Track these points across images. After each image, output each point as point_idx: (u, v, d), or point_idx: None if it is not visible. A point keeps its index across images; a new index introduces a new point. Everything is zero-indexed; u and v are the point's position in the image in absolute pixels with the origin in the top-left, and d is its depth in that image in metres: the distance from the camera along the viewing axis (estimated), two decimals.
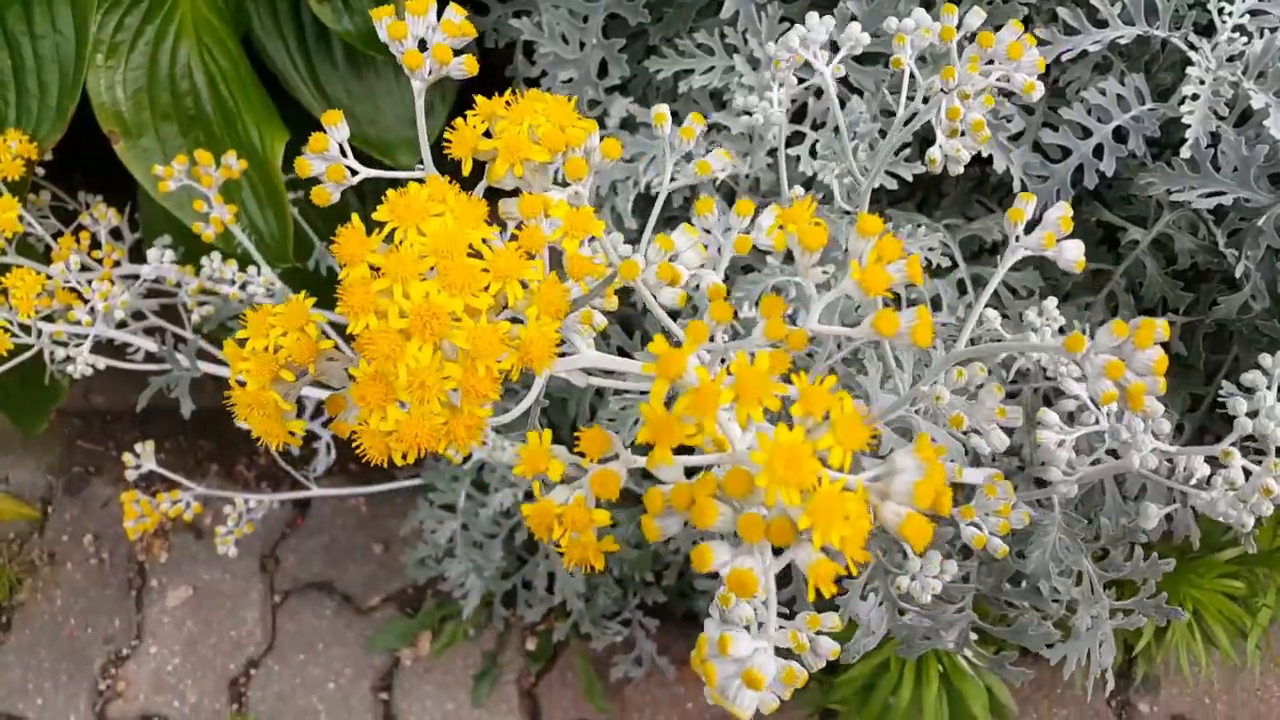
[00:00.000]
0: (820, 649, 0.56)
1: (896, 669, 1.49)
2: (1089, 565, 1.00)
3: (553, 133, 0.60)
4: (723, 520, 0.46)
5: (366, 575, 2.04)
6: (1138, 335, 0.54)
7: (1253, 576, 1.53)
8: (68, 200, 1.65)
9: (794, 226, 0.57)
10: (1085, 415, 0.85)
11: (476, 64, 0.68)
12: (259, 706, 1.91)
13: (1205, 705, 1.87)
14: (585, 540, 0.54)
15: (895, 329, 0.52)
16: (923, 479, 0.45)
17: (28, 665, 1.97)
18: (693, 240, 0.64)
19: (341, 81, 1.62)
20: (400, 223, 0.55)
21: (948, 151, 0.80)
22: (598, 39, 1.36)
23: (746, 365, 0.47)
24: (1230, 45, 1.20)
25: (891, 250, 0.53)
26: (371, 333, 0.52)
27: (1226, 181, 1.15)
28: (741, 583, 0.47)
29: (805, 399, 0.46)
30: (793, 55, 0.86)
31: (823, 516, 0.43)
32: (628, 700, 1.87)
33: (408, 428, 0.54)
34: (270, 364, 0.57)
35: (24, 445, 2.20)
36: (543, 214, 0.59)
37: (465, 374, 0.53)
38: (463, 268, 0.53)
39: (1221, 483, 0.79)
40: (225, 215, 1.35)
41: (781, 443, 0.44)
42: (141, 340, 1.44)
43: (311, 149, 0.65)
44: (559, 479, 0.55)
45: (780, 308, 0.52)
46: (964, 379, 0.72)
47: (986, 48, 0.77)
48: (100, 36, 1.49)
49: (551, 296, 0.55)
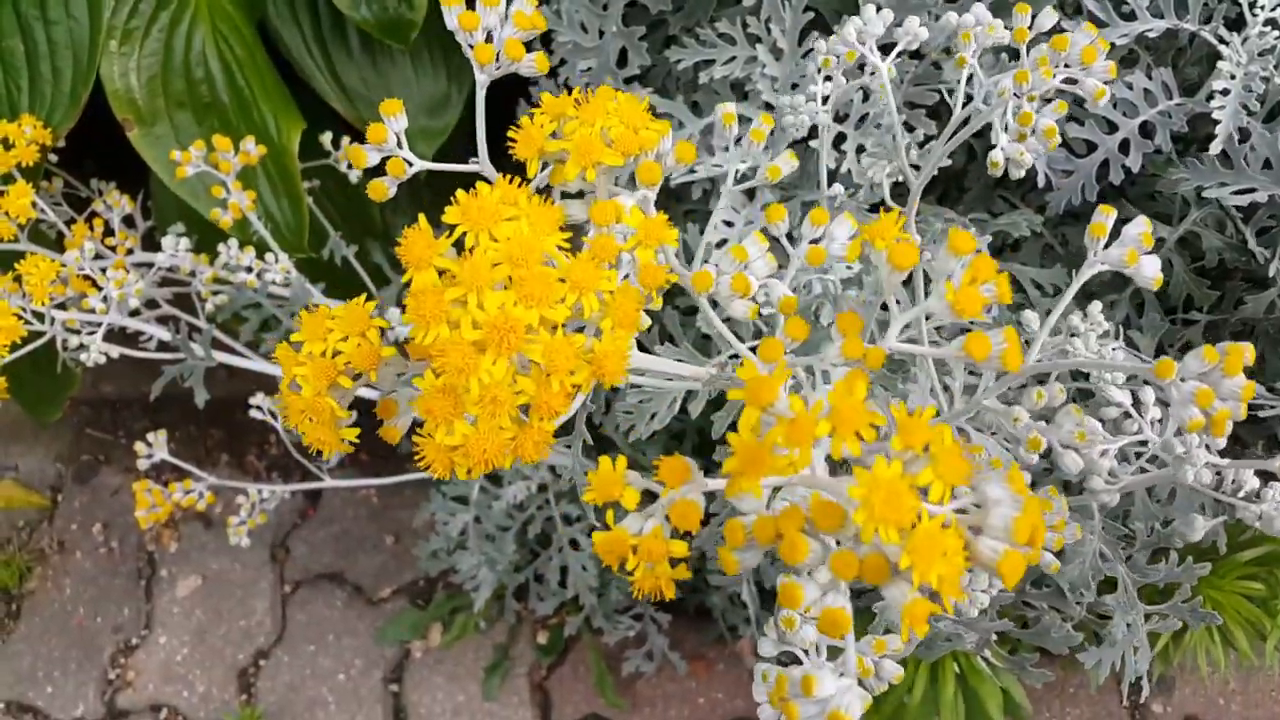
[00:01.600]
0: (884, 673, 0.54)
1: (912, 668, 1.48)
2: (1124, 571, 0.98)
3: (626, 135, 0.57)
4: (812, 557, 0.44)
5: (377, 566, 2.03)
6: (1227, 363, 0.52)
7: (1272, 579, 1.52)
8: (80, 187, 1.64)
9: (882, 244, 0.53)
10: (1127, 423, 0.83)
11: (547, 62, 0.65)
12: (268, 697, 1.91)
13: (1219, 706, 1.86)
14: (659, 571, 0.52)
15: (988, 352, 0.50)
16: (1020, 514, 0.43)
17: (37, 654, 1.96)
18: (763, 249, 0.61)
19: (357, 70, 1.60)
20: (472, 227, 0.52)
21: (1009, 154, 0.78)
22: (618, 27, 1.34)
23: (845, 395, 0.44)
24: (1261, 39, 1.19)
25: (986, 271, 0.51)
26: (443, 344, 0.50)
27: (1259, 178, 1.14)
28: (834, 622, 0.45)
29: (904, 431, 0.43)
30: (844, 53, 0.84)
31: (923, 556, 0.41)
32: (639, 695, 1.86)
33: (475, 443, 0.52)
34: (328, 369, 0.55)
35: (33, 433, 2.19)
36: (615, 221, 0.56)
37: (538, 389, 0.51)
38: (540, 278, 0.51)
39: (1275, 496, 0.77)
40: (244, 201, 1.34)
41: (880, 478, 0.42)
42: (154, 329, 1.43)
43: (371, 140, 0.62)
44: (634, 507, 0.52)
45: (858, 325, 0.50)
46: (1044, 400, 0.70)
47: (1060, 51, 0.74)
48: (114, 22, 1.48)
49: (627, 307, 0.53)
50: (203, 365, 1.36)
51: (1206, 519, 0.85)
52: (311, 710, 1.89)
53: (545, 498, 1.62)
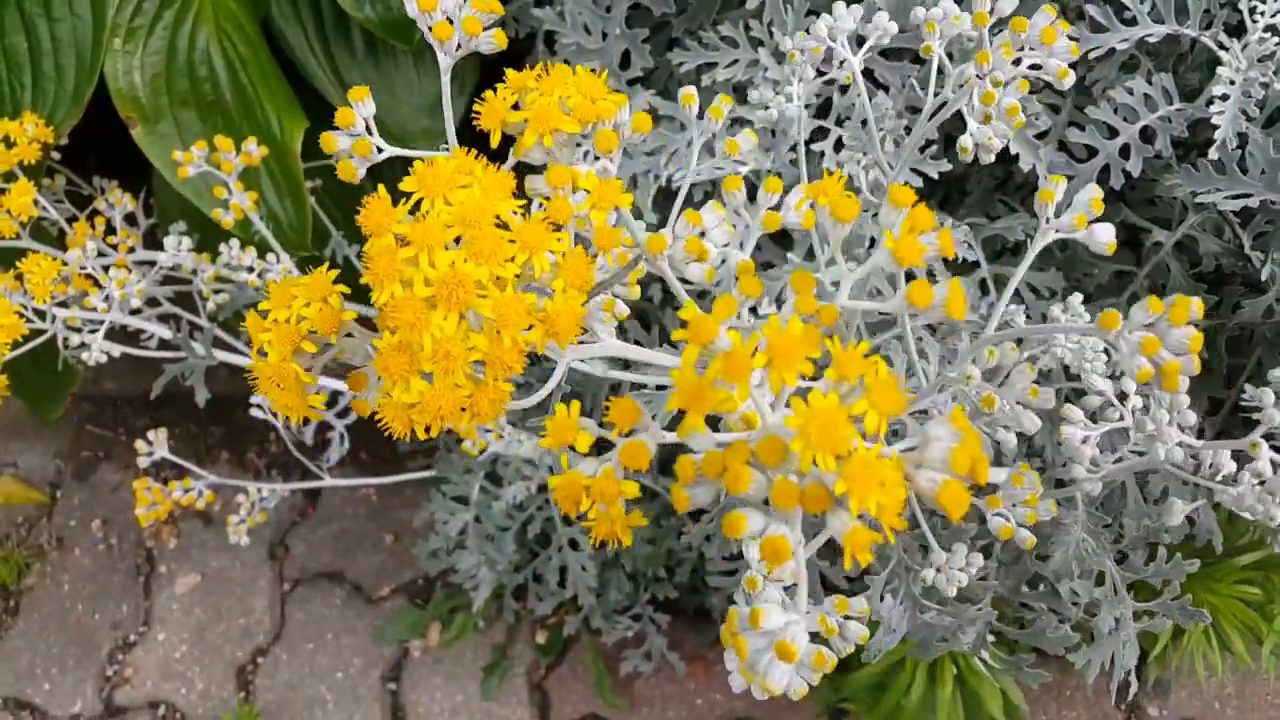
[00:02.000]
0: (849, 633, 0.55)
1: (910, 668, 1.48)
2: (1112, 567, 0.99)
3: (584, 104, 0.59)
4: (756, 487, 0.45)
5: (377, 565, 2.03)
6: (1172, 312, 0.54)
7: (1269, 583, 1.52)
8: (82, 185, 1.64)
9: (825, 199, 0.56)
10: (1110, 412, 0.84)
11: (505, 38, 0.67)
12: (266, 695, 1.91)
13: (1215, 710, 1.86)
14: (614, 513, 0.54)
15: (929, 300, 0.51)
16: (959, 445, 0.44)
17: (36, 650, 1.97)
18: (720, 217, 0.63)
19: (360, 70, 1.61)
20: (427, 193, 0.54)
21: (979, 139, 0.79)
22: (620, 29, 1.35)
23: (779, 330, 0.45)
24: (1261, 45, 1.19)
25: (924, 220, 0.53)
26: (396, 301, 0.52)
27: (1254, 184, 1.14)
28: (775, 550, 0.46)
29: (839, 364, 0.45)
30: (811, 48, 0.85)
31: (859, 482, 0.42)
32: (637, 695, 1.86)
33: (431, 399, 0.53)
34: (292, 335, 0.56)
35: (33, 430, 2.19)
36: (570, 186, 0.58)
37: (491, 345, 0.52)
38: (490, 237, 0.52)
39: (1249, 477, 0.78)
40: (245, 202, 1.34)
41: (816, 408, 0.43)
42: (156, 327, 1.43)
43: (339, 124, 0.65)
44: (586, 450, 0.54)
45: (811, 283, 0.51)
46: (995, 359, 0.71)
47: (1020, 33, 0.76)
48: (118, 20, 1.48)
49: (578, 269, 0.55)
50: (204, 364, 1.36)
51: (1185, 503, 0.86)
52: (310, 709, 1.89)
53: (545, 498, 1.62)
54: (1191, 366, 0.57)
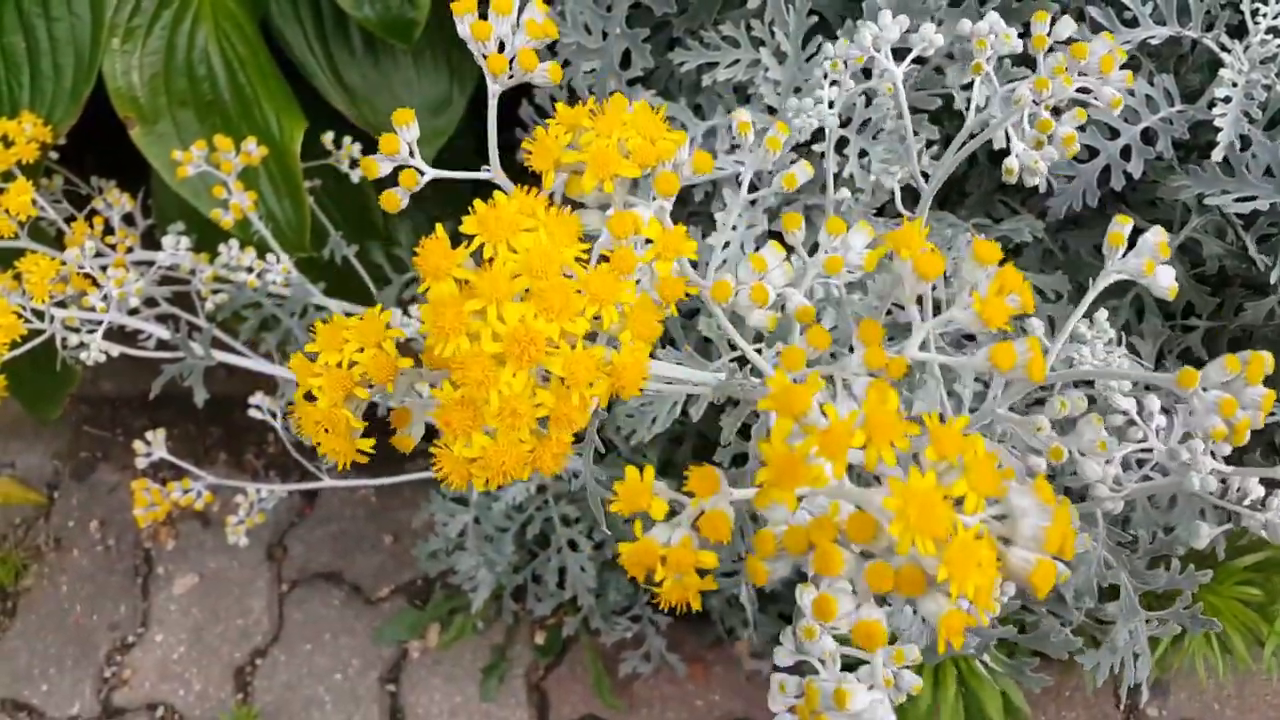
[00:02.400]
0: (903, 684, 0.54)
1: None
2: (1126, 579, 0.98)
3: (644, 147, 0.57)
4: (846, 569, 0.44)
5: (375, 566, 2.03)
6: (1249, 371, 0.52)
7: (1270, 585, 1.52)
8: (80, 185, 1.64)
9: (908, 253, 0.53)
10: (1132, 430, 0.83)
11: (560, 73, 0.64)
12: (264, 696, 1.90)
13: (1214, 711, 1.86)
14: (688, 582, 0.52)
15: (1013, 363, 0.49)
16: (1050, 524, 0.43)
17: (34, 651, 1.96)
18: (780, 257, 0.61)
19: (359, 70, 1.60)
20: (490, 238, 0.52)
21: (1025, 162, 0.78)
22: (621, 29, 1.34)
23: (879, 404, 0.44)
24: (1263, 47, 1.19)
25: (1013, 282, 0.51)
26: (463, 356, 0.50)
27: (1260, 185, 1.14)
28: (869, 634, 0.45)
29: (938, 441, 0.43)
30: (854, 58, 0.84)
31: (959, 567, 0.41)
32: (636, 696, 1.86)
33: (494, 455, 0.51)
34: (344, 380, 0.54)
35: (32, 430, 2.19)
36: (633, 233, 0.56)
37: (558, 401, 0.51)
38: (559, 289, 0.50)
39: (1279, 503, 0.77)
40: (245, 202, 1.34)
41: (915, 489, 0.42)
42: (154, 327, 1.42)
43: (383, 151, 0.62)
44: (662, 518, 0.51)
45: (879, 334, 0.49)
46: (1067, 410, 0.70)
47: (1079, 59, 0.74)
48: (116, 20, 1.48)
49: (646, 320, 0.53)
50: (202, 364, 1.36)
51: (1211, 527, 0.85)
52: (308, 710, 1.89)
53: (544, 499, 1.62)
54: (1259, 421, 0.55)
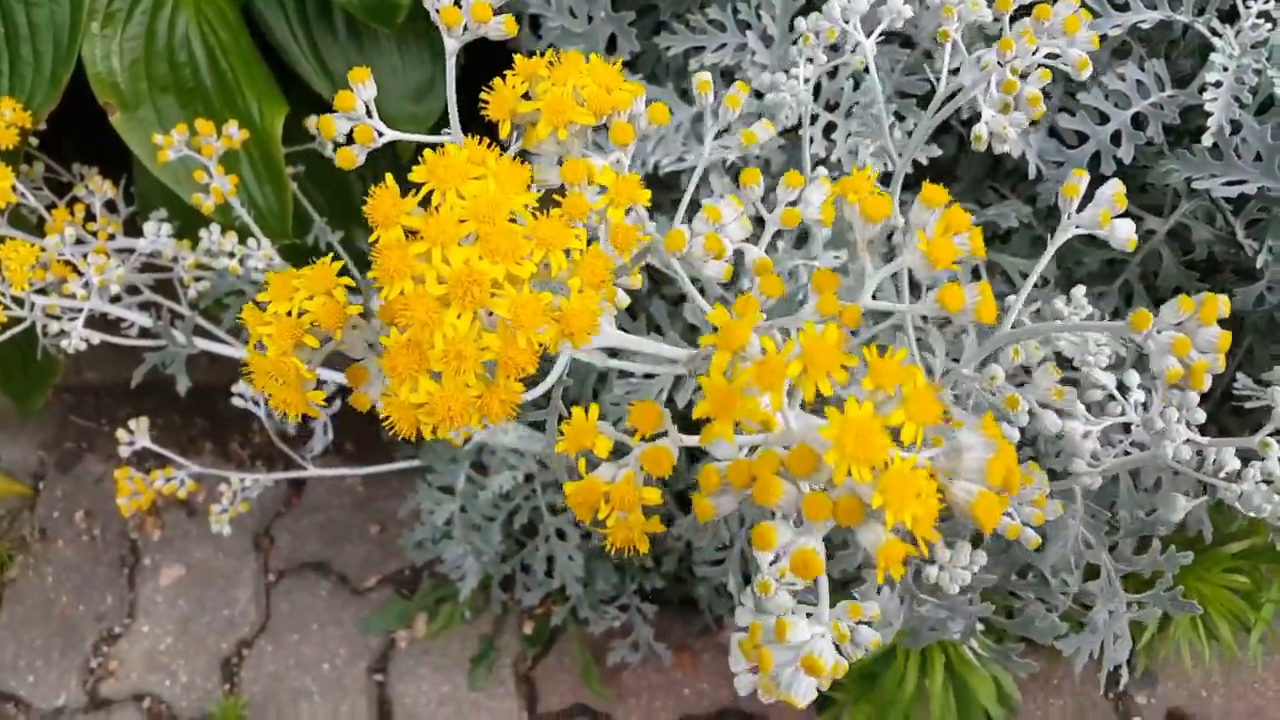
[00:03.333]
0: (860, 639, 0.54)
1: (901, 658, 1.48)
2: (1107, 559, 0.98)
3: (599, 95, 0.57)
4: (785, 499, 0.44)
5: (362, 556, 2.02)
6: (1202, 312, 0.53)
7: (1256, 572, 1.52)
8: (61, 171, 1.62)
9: (854, 197, 0.54)
10: (1111, 406, 0.83)
11: (515, 25, 0.65)
12: (251, 687, 1.89)
13: (1202, 698, 1.87)
14: (633, 521, 0.52)
15: (961, 304, 0.50)
16: (994, 455, 0.44)
17: (20, 642, 1.95)
18: (737, 211, 0.61)
19: (343, 54, 1.58)
20: (439, 185, 0.52)
21: (994, 128, 0.78)
22: (607, 13, 1.33)
23: (815, 337, 0.45)
24: (1254, 32, 1.18)
25: (959, 222, 0.51)
26: (407, 298, 0.50)
27: (1249, 170, 1.13)
28: (805, 563, 0.45)
29: (875, 372, 0.44)
30: (825, 30, 0.83)
31: (895, 495, 0.42)
32: (624, 685, 1.86)
33: (440, 400, 0.51)
34: (293, 329, 0.54)
35: (16, 421, 2.17)
36: (586, 180, 0.56)
37: (504, 345, 0.51)
38: (506, 233, 0.51)
39: (1256, 475, 0.77)
40: (226, 186, 1.32)
41: (852, 418, 0.42)
42: (136, 315, 1.41)
43: (338, 107, 0.62)
44: (606, 455, 0.52)
45: (834, 283, 0.50)
46: (1020, 358, 0.70)
47: (1043, 21, 0.74)
48: (96, 4, 1.46)
49: (595, 267, 0.53)
50: (184, 352, 1.34)
51: (1188, 500, 0.85)
52: (295, 700, 1.88)
53: (532, 488, 1.61)
54: (1218, 366, 0.56)
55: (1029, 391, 0.70)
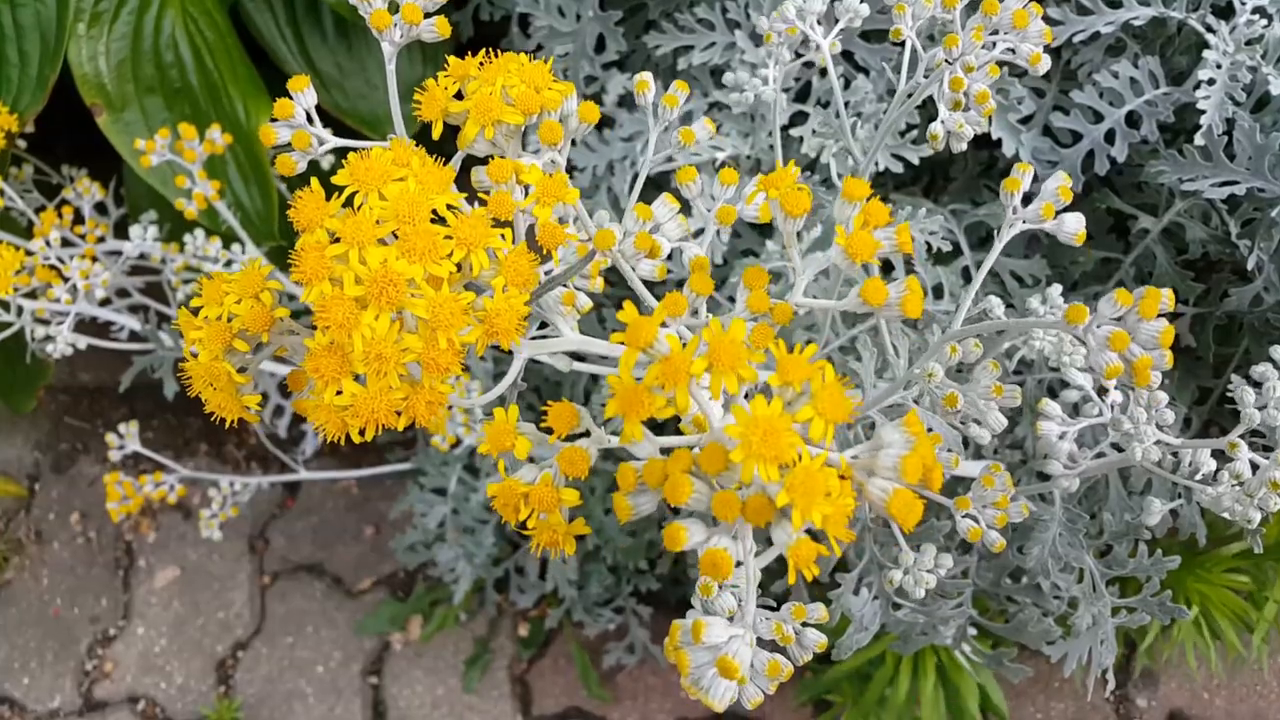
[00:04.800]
0: (806, 641, 0.53)
1: (893, 661, 1.47)
2: (1091, 562, 0.97)
3: (527, 94, 0.57)
4: (698, 498, 0.44)
5: (357, 558, 2.01)
6: (1142, 305, 0.52)
7: (1259, 572, 1.51)
8: (51, 174, 1.61)
9: (775, 191, 0.54)
10: (1089, 407, 0.82)
11: (449, 26, 0.65)
12: (246, 689, 1.89)
13: (1204, 700, 1.85)
14: (553, 522, 0.52)
15: (883, 299, 0.49)
16: (909, 452, 0.43)
17: (14, 644, 1.94)
18: (673, 210, 0.61)
19: (331, 55, 1.57)
20: (361, 186, 0.52)
21: (950, 126, 0.76)
22: (595, 12, 1.32)
23: (720, 332, 0.44)
24: (1249, 28, 1.16)
25: (878, 215, 0.51)
26: (325, 300, 0.49)
27: (1240, 171, 1.12)
28: (714, 563, 0.45)
29: (783, 368, 0.43)
30: (787, 29, 0.82)
31: (802, 493, 0.41)
32: (620, 688, 1.85)
33: (364, 403, 0.51)
34: (224, 333, 0.54)
35: (11, 422, 2.16)
36: (514, 179, 0.55)
37: (425, 346, 0.50)
38: (424, 234, 0.50)
39: (1228, 477, 0.76)
40: (208, 191, 1.31)
41: (758, 415, 0.42)
42: (125, 318, 1.41)
43: (277, 115, 0.62)
44: (525, 456, 0.52)
45: (764, 279, 0.49)
46: (958, 355, 0.69)
47: (991, 15, 0.73)
48: (82, 5, 1.45)
49: (519, 266, 0.52)
50: (172, 355, 1.34)
51: (1163, 503, 0.84)
52: (289, 702, 1.87)
53: None
54: (1163, 361, 0.55)
55: (969, 389, 0.69)
